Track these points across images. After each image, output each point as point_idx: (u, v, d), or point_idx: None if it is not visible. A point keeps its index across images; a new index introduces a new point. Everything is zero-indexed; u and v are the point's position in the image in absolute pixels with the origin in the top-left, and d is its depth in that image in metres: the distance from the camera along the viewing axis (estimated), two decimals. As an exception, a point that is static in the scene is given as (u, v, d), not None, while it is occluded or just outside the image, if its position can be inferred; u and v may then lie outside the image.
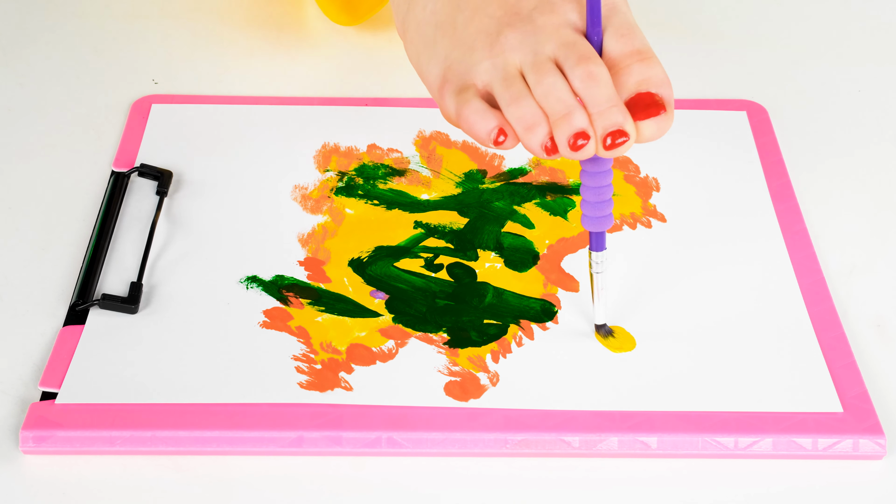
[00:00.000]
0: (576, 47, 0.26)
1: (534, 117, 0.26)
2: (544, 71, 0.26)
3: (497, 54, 0.27)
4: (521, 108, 0.26)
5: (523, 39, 0.27)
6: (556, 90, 0.26)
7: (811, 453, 0.27)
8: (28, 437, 0.27)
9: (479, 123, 0.27)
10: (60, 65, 0.39)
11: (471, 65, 0.27)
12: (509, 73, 0.27)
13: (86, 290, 0.31)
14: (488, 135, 0.27)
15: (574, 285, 0.31)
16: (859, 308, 0.31)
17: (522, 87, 0.26)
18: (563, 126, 0.26)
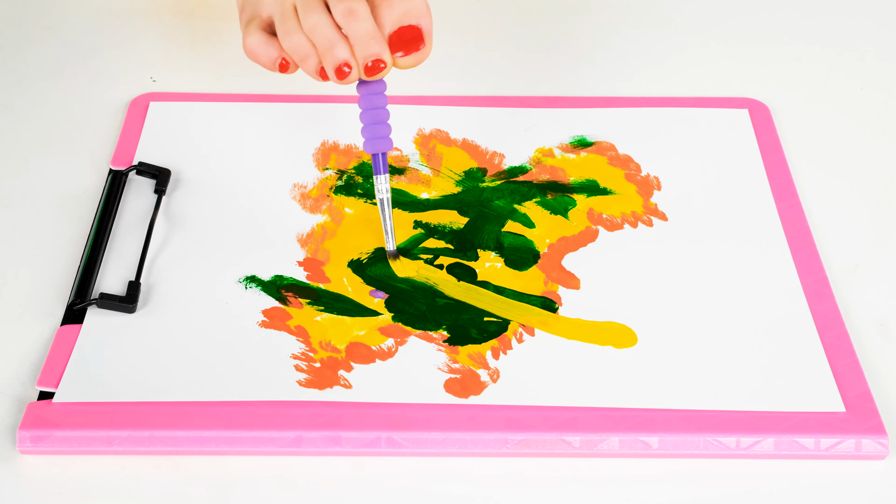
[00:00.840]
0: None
1: (304, 49, 0.30)
2: (310, 8, 0.29)
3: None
4: (293, 41, 0.30)
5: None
6: (320, 27, 0.29)
7: (813, 453, 0.27)
8: (25, 436, 0.27)
9: (262, 55, 0.31)
10: (58, 62, 0.39)
11: (258, 1, 0.31)
12: (285, 9, 0.30)
13: (83, 289, 0.31)
14: (272, 63, 0.30)
15: (575, 283, 0.31)
16: (862, 307, 0.31)
17: (295, 21, 0.30)
18: (328, 58, 0.29)
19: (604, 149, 0.36)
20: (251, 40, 0.31)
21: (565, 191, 0.34)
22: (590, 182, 0.35)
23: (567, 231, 0.33)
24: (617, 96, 0.38)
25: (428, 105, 0.37)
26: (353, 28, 0.29)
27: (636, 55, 0.40)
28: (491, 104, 0.37)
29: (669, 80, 0.39)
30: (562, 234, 0.33)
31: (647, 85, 0.38)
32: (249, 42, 0.31)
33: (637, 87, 0.38)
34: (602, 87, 0.38)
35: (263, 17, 0.31)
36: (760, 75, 0.39)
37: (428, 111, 0.37)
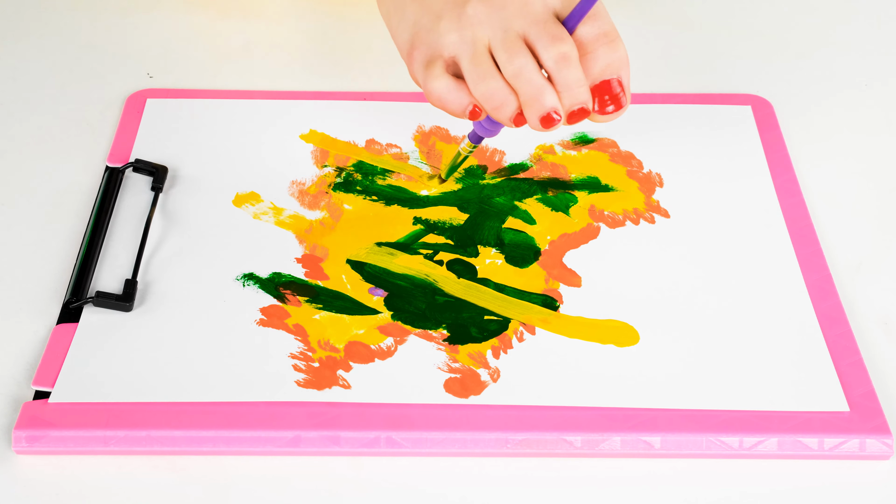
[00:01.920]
0: (547, 26, 0.27)
1: (502, 97, 0.28)
2: (514, 50, 0.27)
3: (465, 27, 0.28)
4: (489, 87, 0.28)
5: (492, 15, 0.27)
6: (527, 71, 0.27)
7: (817, 453, 0.27)
8: (21, 436, 0.27)
9: (451, 101, 0.28)
10: (54, 59, 0.39)
11: (438, 35, 0.28)
12: (477, 50, 0.28)
13: (79, 287, 0.30)
14: (462, 111, 0.28)
15: (576, 280, 0.31)
16: (866, 305, 0.31)
17: (490, 65, 0.28)
18: (535, 105, 0.27)
19: (605, 145, 0.36)
20: (439, 85, 0.28)
21: (566, 188, 0.34)
22: (591, 179, 0.34)
23: (568, 228, 0.33)
24: (618, 92, 0.38)
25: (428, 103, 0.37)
26: (565, 75, 0.27)
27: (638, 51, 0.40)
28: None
29: (672, 76, 0.39)
30: (563, 231, 0.33)
31: (649, 81, 0.38)
32: (437, 87, 0.28)
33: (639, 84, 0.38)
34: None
35: (446, 57, 0.28)
36: (764, 72, 0.39)
37: (428, 108, 0.37)
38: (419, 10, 0.29)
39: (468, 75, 0.28)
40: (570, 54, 0.27)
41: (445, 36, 0.28)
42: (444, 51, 0.28)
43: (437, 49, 0.28)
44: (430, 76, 0.28)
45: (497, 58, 0.27)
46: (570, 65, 0.27)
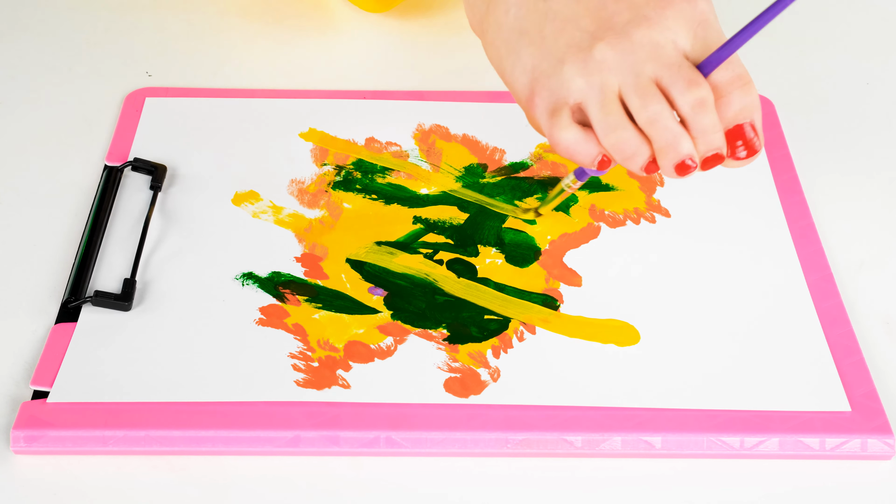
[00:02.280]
0: (682, 70, 0.26)
1: (635, 146, 0.26)
2: (648, 96, 0.26)
3: (592, 72, 0.26)
4: (622, 138, 0.26)
5: (621, 58, 0.26)
6: (663, 118, 0.26)
7: (818, 453, 0.27)
8: (19, 436, 0.27)
9: (580, 153, 0.26)
10: (52, 57, 0.39)
11: (562, 81, 0.26)
12: (607, 97, 0.26)
13: (78, 286, 0.30)
14: (591, 162, 0.27)
15: (577, 280, 0.31)
16: (868, 305, 0.31)
17: (621, 113, 0.26)
18: (670, 153, 0.26)
19: (606, 144, 0.36)
20: (567, 136, 0.26)
21: (567, 187, 0.34)
22: (591, 178, 0.34)
23: (568, 227, 0.33)
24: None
25: (428, 101, 0.37)
26: (701, 120, 0.26)
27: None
28: (491, 99, 0.37)
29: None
30: (563, 230, 0.33)
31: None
32: (565, 138, 0.26)
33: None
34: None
35: (571, 104, 0.26)
36: (765, 70, 0.39)
37: (428, 106, 0.37)
38: (538, 55, 0.26)
39: (598, 125, 0.26)
40: (707, 99, 0.26)
41: (571, 81, 0.26)
42: (570, 97, 0.26)
43: (562, 96, 0.26)
44: (556, 126, 0.26)
45: (629, 104, 0.26)
46: (706, 110, 0.26)
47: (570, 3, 0.27)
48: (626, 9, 0.26)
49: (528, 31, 0.27)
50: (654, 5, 0.26)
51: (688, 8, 0.26)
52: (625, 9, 0.26)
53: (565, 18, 0.27)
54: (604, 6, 0.26)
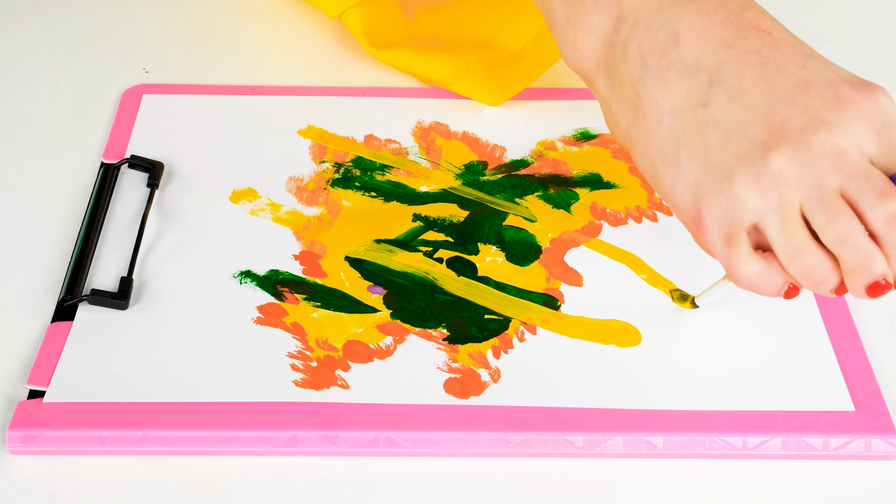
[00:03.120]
0: (871, 180, 0.23)
1: (826, 273, 0.24)
2: (836, 211, 0.23)
3: (768, 188, 0.23)
4: (810, 264, 0.23)
5: (800, 170, 0.23)
6: (853, 235, 0.23)
7: (822, 453, 0.27)
8: (15, 436, 0.27)
9: (762, 285, 0.24)
10: (48, 53, 0.38)
11: (734, 199, 0.23)
12: (788, 216, 0.23)
13: (74, 285, 0.30)
14: (776, 293, 0.24)
15: (578, 279, 0.31)
16: (872, 303, 0.30)
17: (806, 235, 0.23)
18: (863, 274, 0.23)
19: (607, 141, 0.35)
20: (750, 270, 0.23)
21: (568, 184, 0.34)
22: (593, 175, 0.34)
23: (570, 226, 0.32)
24: (621, 88, 0.37)
25: (427, 97, 0.36)
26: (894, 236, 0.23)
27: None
28: (491, 96, 0.37)
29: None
30: (564, 228, 0.32)
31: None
32: (747, 272, 0.23)
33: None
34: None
35: (746, 224, 0.23)
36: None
37: (427, 103, 0.36)
38: (701, 170, 0.24)
39: (780, 249, 0.23)
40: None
41: (745, 200, 0.23)
42: (745, 219, 0.23)
43: (737, 218, 0.23)
44: (736, 259, 0.24)
45: (813, 221, 0.23)
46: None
47: (735, 109, 0.23)
48: (799, 113, 0.23)
49: (687, 142, 0.24)
50: (832, 107, 0.23)
51: (869, 108, 0.23)
52: (799, 113, 0.23)
53: (730, 127, 0.24)
54: (774, 111, 0.23)
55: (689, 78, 0.24)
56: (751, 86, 0.24)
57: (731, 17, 0.24)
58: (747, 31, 0.24)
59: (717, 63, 0.24)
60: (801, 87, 0.24)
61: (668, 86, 0.25)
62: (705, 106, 0.24)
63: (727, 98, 0.24)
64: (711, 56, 0.24)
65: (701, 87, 0.24)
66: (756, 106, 0.24)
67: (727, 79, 0.24)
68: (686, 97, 0.24)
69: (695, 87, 0.24)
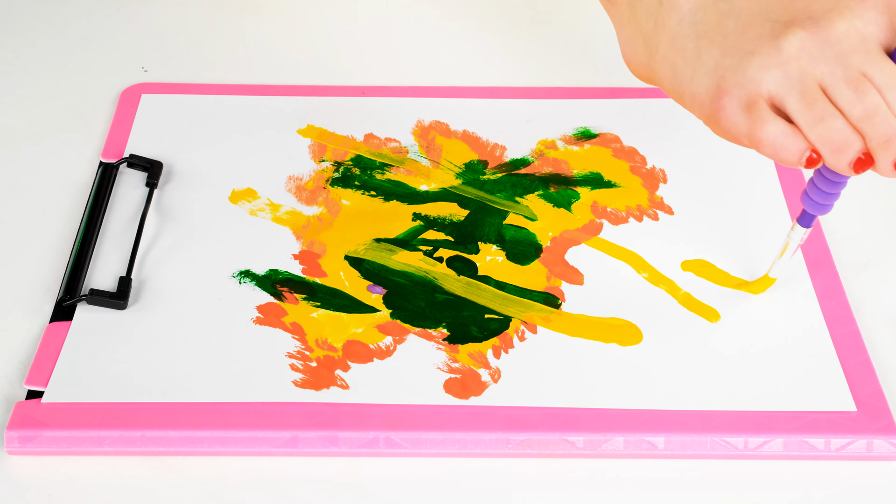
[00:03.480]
0: (893, 74, 0.23)
1: (845, 137, 0.23)
2: (863, 88, 0.23)
3: (789, 60, 0.23)
4: (832, 127, 0.23)
5: (824, 47, 0.23)
6: (882, 111, 0.23)
7: (823, 454, 0.27)
8: (13, 437, 0.26)
9: (786, 147, 0.24)
10: (47, 52, 0.38)
11: (754, 72, 0.23)
12: (808, 86, 0.23)
13: (73, 284, 0.30)
14: (798, 158, 0.24)
15: (578, 278, 0.31)
16: (874, 303, 0.30)
17: (827, 102, 0.23)
18: (892, 148, 0.23)
19: (608, 140, 0.35)
20: (773, 130, 0.23)
21: (568, 183, 0.34)
22: (594, 175, 0.34)
23: (570, 225, 0.32)
24: (621, 87, 0.37)
25: (427, 97, 0.36)
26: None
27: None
28: (492, 95, 0.37)
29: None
30: (565, 227, 0.32)
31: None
32: (770, 132, 0.23)
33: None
34: (606, 78, 0.37)
35: (766, 97, 0.23)
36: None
37: (427, 102, 0.36)
38: (720, 53, 0.24)
39: (800, 116, 0.23)
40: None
41: (764, 72, 0.23)
42: (762, 88, 0.23)
43: (755, 88, 0.24)
44: (758, 121, 0.23)
45: (839, 96, 0.23)
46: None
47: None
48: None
49: (706, 32, 0.24)
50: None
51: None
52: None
53: (752, 13, 0.24)
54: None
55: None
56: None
57: None
58: None
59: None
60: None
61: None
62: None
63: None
64: None
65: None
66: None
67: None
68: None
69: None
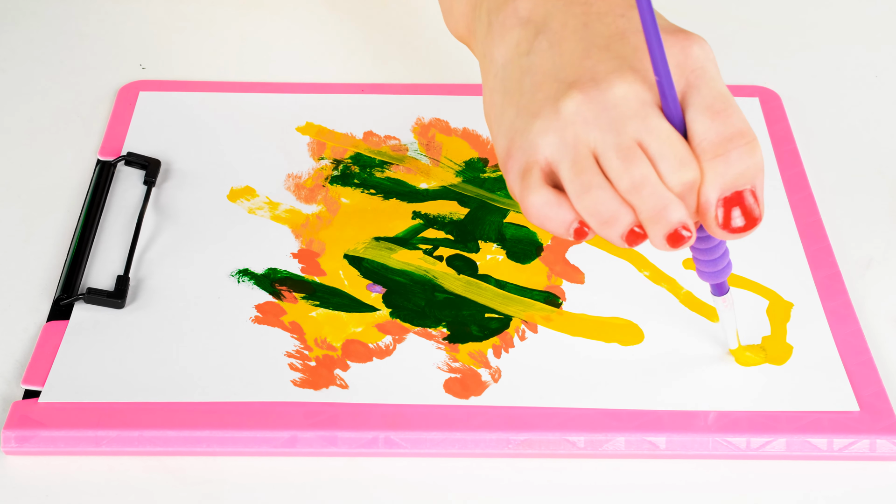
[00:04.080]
0: (672, 145, 0.22)
1: (614, 210, 0.23)
2: (633, 158, 0.22)
3: (564, 126, 0.23)
4: (598, 199, 0.23)
5: (599, 112, 0.22)
6: (651, 183, 0.22)
7: (826, 454, 0.27)
8: (10, 436, 0.26)
9: (550, 217, 0.23)
10: (44, 49, 0.38)
11: (534, 136, 0.23)
12: (580, 153, 0.23)
13: (70, 283, 0.30)
14: (566, 229, 0.23)
15: (579, 277, 0.30)
16: (876, 303, 0.30)
17: (597, 172, 0.23)
18: (661, 222, 0.23)
19: (609, 138, 0.35)
20: (536, 199, 0.23)
21: (569, 182, 0.34)
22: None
23: (571, 223, 0.32)
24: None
25: (427, 94, 0.36)
26: (689, 203, 0.22)
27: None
28: (492, 92, 0.36)
29: (676, 67, 0.38)
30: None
31: (654, 72, 0.37)
32: (534, 202, 0.23)
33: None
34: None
35: (542, 164, 0.23)
36: (772, 63, 0.38)
37: (427, 100, 0.36)
38: (514, 113, 0.23)
39: (569, 185, 0.23)
40: (696, 184, 0.22)
41: (541, 136, 0.23)
42: (540, 155, 0.23)
43: (533, 153, 0.23)
44: (525, 188, 0.23)
45: (607, 166, 0.22)
46: (692, 194, 0.22)
47: (553, 55, 0.23)
48: (610, 59, 0.23)
49: (509, 90, 0.24)
50: (643, 56, 0.23)
51: (680, 55, 0.23)
52: (609, 59, 0.23)
53: (546, 72, 0.23)
54: (588, 56, 0.23)
55: (520, 29, 0.24)
56: (571, 33, 0.23)
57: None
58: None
59: (546, 14, 0.24)
60: (617, 35, 0.23)
61: (503, 39, 0.24)
62: (528, 54, 0.24)
63: (548, 45, 0.24)
64: (542, 8, 0.24)
65: (528, 37, 0.24)
66: (572, 52, 0.23)
67: (551, 27, 0.24)
68: (514, 48, 0.24)
69: (523, 37, 0.24)
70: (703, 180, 0.23)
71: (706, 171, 0.23)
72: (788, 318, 0.29)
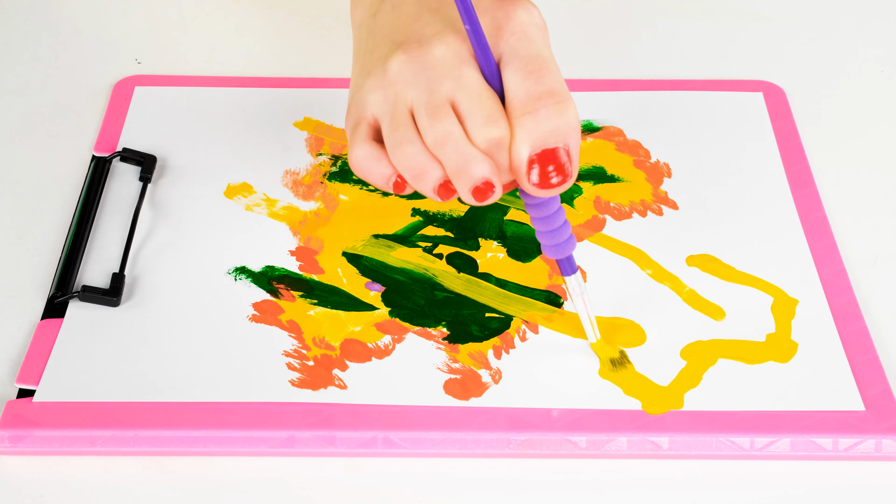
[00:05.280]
0: (482, 102, 0.23)
1: (421, 164, 0.24)
2: (439, 116, 0.23)
3: (388, 85, 0.24)
4: (408, 154, 0.24)
5: (417, 71, 0.24)
6: (453, 139, 0.23)
7: (831, 454, 0.26)
8: (4, 436, 0.26)
9: (370, 171, 0.24)
10: (38, 43, 0.38)
11: (365, 93, 0.24)
12: (398, 111, 0.24)
13: (65, 281, 0.29)
14: (385, 182, 0.24)
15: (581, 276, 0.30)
16: (882, 301, 0.30)
17: (410, 128, 0.24)
18: (464, 177, 0.24)
19: (611, 134, 0.35)
20: (359, 153, 0.24)
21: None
22: (596, 169, 0.33)
23: (573, 220, 0.32)
24: (625, 79, 0.36)
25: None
26: (499, 159, 0.23)
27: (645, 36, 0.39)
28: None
29: (680, 61, 0.37)
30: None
31: (657, 67, 0.37)
32: (356, 155, 0.24)
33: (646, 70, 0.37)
34: (609, 70, 0.37)
35: (369, 120, 0.24)
36: (776, 57, 0.38)
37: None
38: (358, 71, 0.25)
39: (387, 140, 0.24)
40: (504, 141, 0.23)
41: (370, 94, 0.24)
42: (368, 111, 0.24)
43: (362, 110, 0.24)
44: (351, 142, 0.24)
45: (419, 122, 0.23)
46: (501, 151, 0.23)
47: (393, 17, 0.24)
48: (438, 20, 0.24)
49: (358, 50, 0.25)
50: None
51: (503, 17, 0.23)
52: (437, 20, 0.24)
53: (384, 33, 0.24)
54: (418, 17, 0.24)
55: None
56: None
57: None
58: None
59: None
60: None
61: (360, 2, 0.26)
62: (375, 16, 0.25)
63: (391, 7, 0.25)
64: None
65: (378, 0, 0.25)
66: (408, 14, 0.24)
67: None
68: (367, 10, 0.25)
69: (374, 0, 0.25)
70: (513, 137, 0.23)
71: (515, 128, 0.23)
72: (793, 315, 0.29)
